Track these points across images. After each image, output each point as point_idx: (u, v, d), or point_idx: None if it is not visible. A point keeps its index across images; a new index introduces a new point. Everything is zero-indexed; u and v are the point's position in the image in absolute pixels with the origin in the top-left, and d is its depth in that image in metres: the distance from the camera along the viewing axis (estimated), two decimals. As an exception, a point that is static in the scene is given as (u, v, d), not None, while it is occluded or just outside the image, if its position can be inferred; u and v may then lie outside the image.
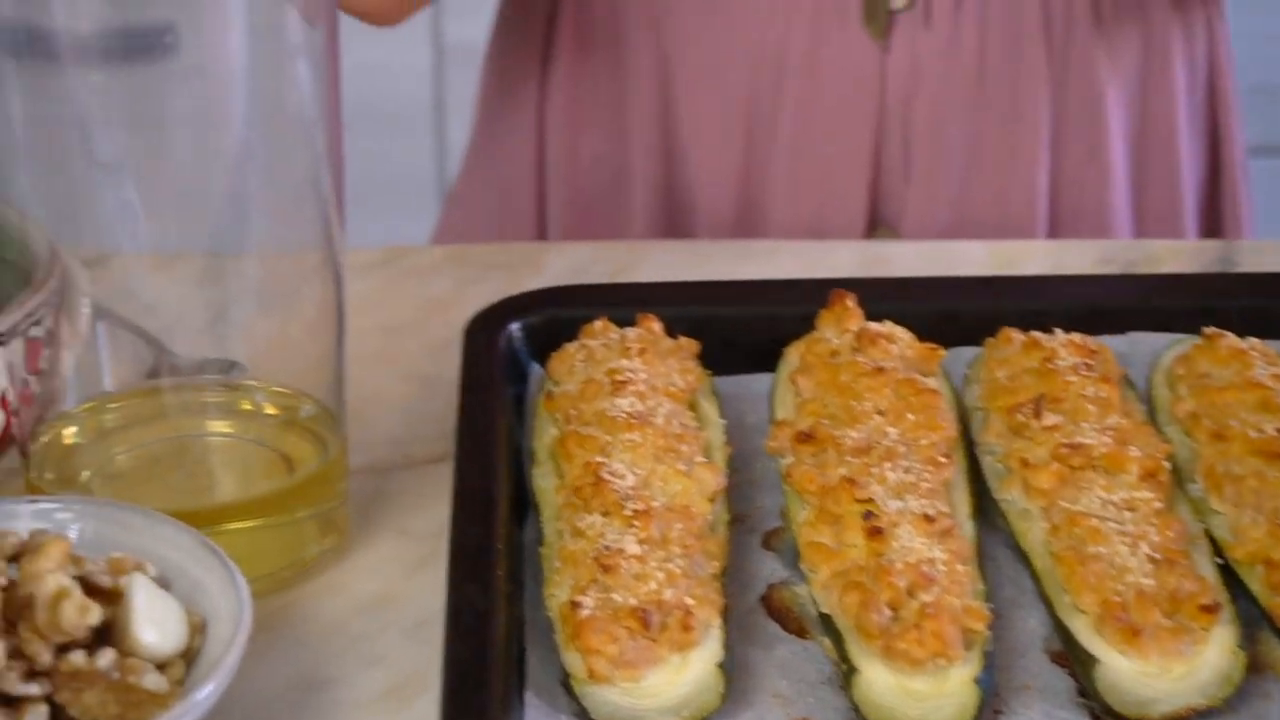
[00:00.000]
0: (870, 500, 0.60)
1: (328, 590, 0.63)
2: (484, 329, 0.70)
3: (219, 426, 0.65)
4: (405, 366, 0.77)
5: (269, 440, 0.65)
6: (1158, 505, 0.61)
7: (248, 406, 0.65)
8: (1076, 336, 0.68)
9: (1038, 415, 0.64)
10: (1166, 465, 0.63)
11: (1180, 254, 0.90)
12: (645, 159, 0.98)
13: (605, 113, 1.00)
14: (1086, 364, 0.66)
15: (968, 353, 0.71)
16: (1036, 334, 0.68)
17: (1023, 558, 0.62)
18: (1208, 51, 1.01)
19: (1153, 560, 0.58)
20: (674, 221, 1.00)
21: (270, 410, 0.65)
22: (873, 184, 0.96)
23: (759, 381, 0.71)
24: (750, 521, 0.65)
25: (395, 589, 0.63)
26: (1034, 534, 0.62)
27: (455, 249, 0.90)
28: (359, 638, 0.60)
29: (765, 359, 0.70)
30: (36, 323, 0.61)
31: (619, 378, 0.65)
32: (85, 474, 0.63)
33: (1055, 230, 0.99)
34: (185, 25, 0.59)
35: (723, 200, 0.98)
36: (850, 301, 0.69)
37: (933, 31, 0.94)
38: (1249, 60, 1.13)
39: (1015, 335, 0.69)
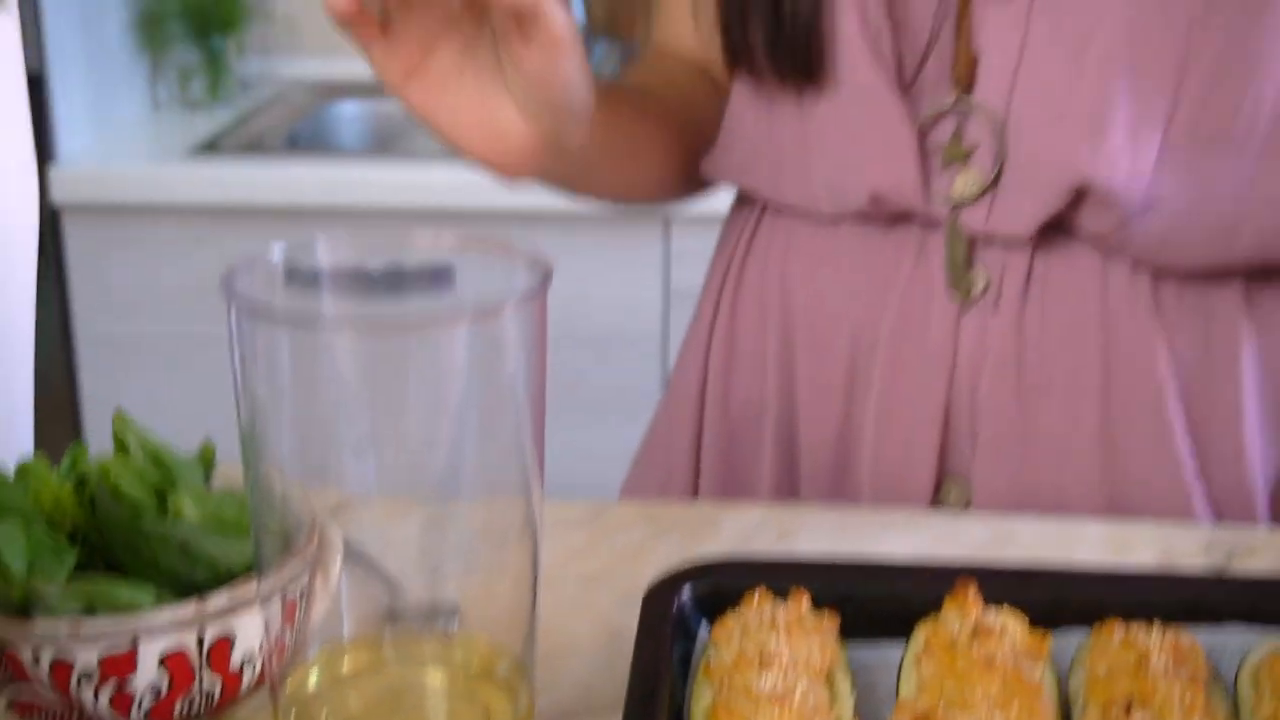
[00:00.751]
0: (972, 786, 0.64)
1: (511, 826, 0.68)
2: (660, 594, 0.75)
3: (433, 677, 0.71)
4: (597, 615, 0.83)
5: (472, 693, 0.71)
6: (1230, 802, 0.64)
7: (458, 660, 0.71)
8: (1171, 636, 0.71)
9: (1128, 713, 0.67)
10: (1240, 765, 0.65)
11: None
12: (775, 405, 1.05)
13: (749, 362, 1.07)
14: (1177, 665, 0.69)
15: (1079, 632, 0.74)
16: (1136, 632, 0.71)
17: (1109, 839, 0.65)
18: None
19: None
20: (791, 460, 1.05)
21: (476, 664, 0.71)
22: (942, 443, 0.99)
23: (894, 650, 0.75)
24: (873, 785, 0.69)
25: (568, 828, 0.68)
26: (1120, 820, 0.65)
27: (645, 509, 0.95)
28: None
29: (901, 626, 0.75)
30: (294, 584, 0.68)
31: (766, 656, 0.70)
32: (323, 714, 0.70)
33: (1117, 505, 0.97)
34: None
35: (824, 448, 1.03)
36: (973, 592, 0.73)
37: (1000, 315, 0.97)
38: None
39: (1118, 630, 0.72)
